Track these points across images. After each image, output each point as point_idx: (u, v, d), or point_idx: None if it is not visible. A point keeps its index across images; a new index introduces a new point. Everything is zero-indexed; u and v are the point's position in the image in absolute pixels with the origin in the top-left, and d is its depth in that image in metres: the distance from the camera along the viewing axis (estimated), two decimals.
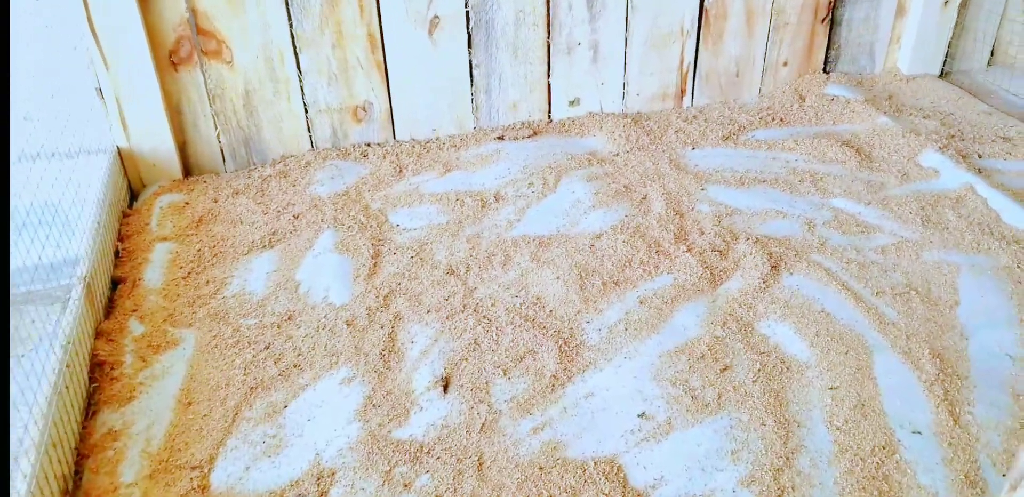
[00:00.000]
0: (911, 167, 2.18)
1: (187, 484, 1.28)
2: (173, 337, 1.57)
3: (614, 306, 1.66)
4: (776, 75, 2.58)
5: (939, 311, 1.67)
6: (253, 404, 1.42)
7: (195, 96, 2.06)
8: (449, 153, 2.23)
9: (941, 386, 1.47)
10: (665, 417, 1.41)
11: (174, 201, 1.98)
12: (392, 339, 1.57)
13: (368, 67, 2.16)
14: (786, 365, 1.52)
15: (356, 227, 1.90)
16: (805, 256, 1.81)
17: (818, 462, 1.32)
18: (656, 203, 2.00)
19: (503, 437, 1.37)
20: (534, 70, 2.33)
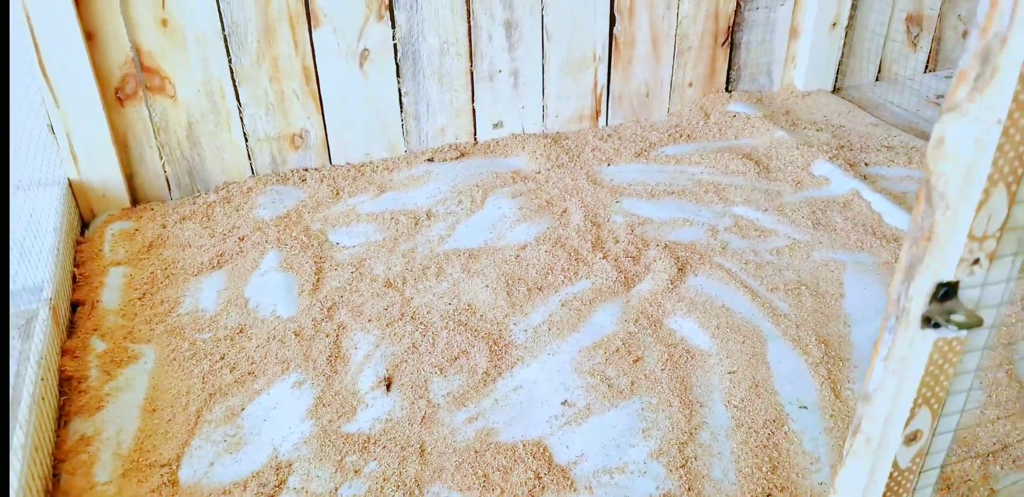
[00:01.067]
0: (804, 176, 2.41)
1: (157, 480, 1.41)
2: (134, 352, 1.70)
3: (538, 309, 1.84)
4: (683, 95, 2.80)
5: (826, 303, 1.88)
6: (213, 408, 1.56)
7: (141, 129, 2.19)
8: (382, 175, 2.39)
9: (825, 367, 1.68)
10: (585, 403, 1.58)
11: (124, 228, 2.11)
12: (337, 346, 1.72)
13: (304, 98, 2.32)
14: (691, 354, 1.71)
15: (298, 247, 2.05)
16: (708, 259, 2.02)
17: (718, 435, 1.51)
18: (575, 216, 2.19)
19: (441, 427, 1.53)
20: (459, 96, 2.50)
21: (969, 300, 0.88)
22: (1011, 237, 0.84)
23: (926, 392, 0.92)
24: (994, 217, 0.81)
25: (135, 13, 2.07)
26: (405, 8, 2.32)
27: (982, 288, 0.87)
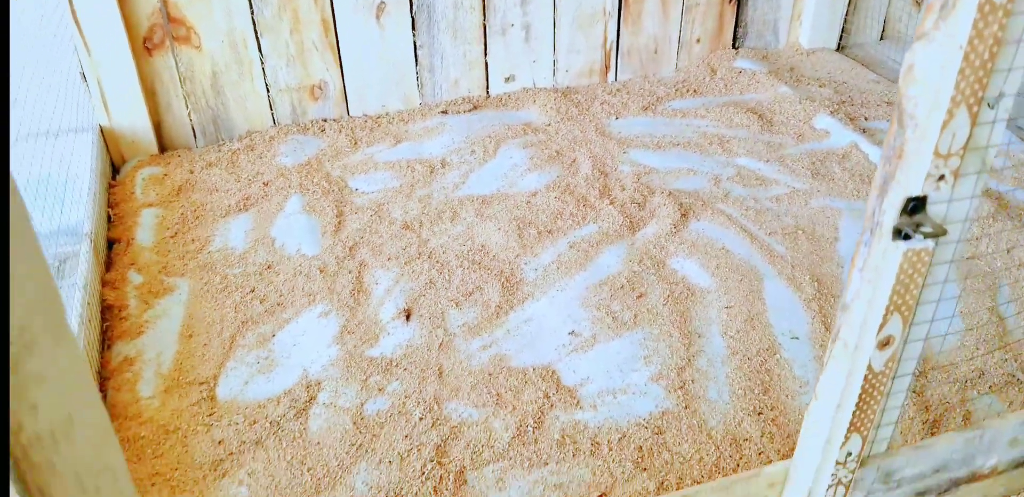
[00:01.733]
0: (806, 129, 2.49)
1: (197, 396, 1.53)
2: (169, 285, 1.81)
3: (548, 250, 1.95)
4: (690, 51, 2.88)
5: (821, 246, 1.98)
6: (245, 335, 1.68)
7: (168, 78, 2.29)
8: (398, 126, 2.49)
9: (817, 303, 1.78)
10: (591, 334, 1.70)
11: (154, 173, 2.21)
12: (360, 281, 1.84)
13: (323, 50, 2.41)
14: (691, 291, 1.82)
15: (320, 192, 2.15)
16: (711, 205, 2.12)
17: (714, 362, 1.63)
18: (584, 165, 2.29)
19: (458, 353, 1.65)
20: (472, 50, 2.59)
21: (937, 215, 0.98)
22: (974, 157, 0.94)
23: (897, 300, 1.03)
24: (957, 136, 0.91)
25: None
26: None
27: (948, 204, 0.97)
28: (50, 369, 0.69)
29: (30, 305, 0.66)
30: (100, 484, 0.77)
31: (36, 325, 0.67)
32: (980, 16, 0.83)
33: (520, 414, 1.50)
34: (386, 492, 1.36)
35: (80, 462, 0.73)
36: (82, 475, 0.74)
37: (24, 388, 0.65)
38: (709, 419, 1.50)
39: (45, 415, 0.68)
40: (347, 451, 1.43)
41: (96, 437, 0.77)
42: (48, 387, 0.68)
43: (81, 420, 0.74)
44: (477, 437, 1.46)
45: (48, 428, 0.69)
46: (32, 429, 0.67)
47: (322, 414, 1.50)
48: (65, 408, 0.71)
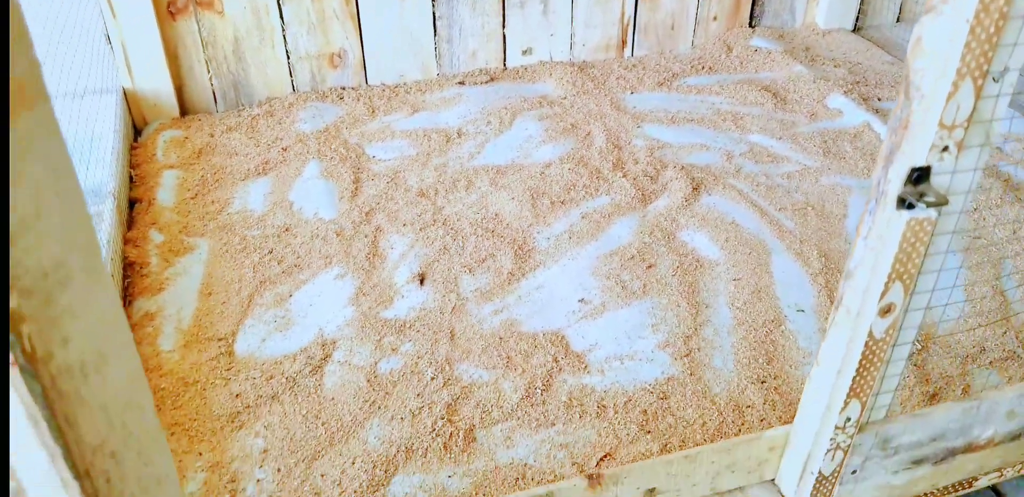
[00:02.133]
0: (819, 108, 2.51)
1: (216, 351, 1.58)
2: (189, 244, 1.86)
3: (560, 220, 1.98)
4: (707, 28, 2.89)
5: (830, 222, 2.01)
6: (263, 294, 1.73)
7: (190, 43, 2.32)
8: (416, 96, 2.52)
9: (824, 277, 1.82)
10: (600, 302, 1.74)
11: (175, 136, 2.25)
12: (375, 245, 1.88)
13: (343, 18, 2.43)
14: (700, 263, 1.85)
15: (337, 158, 2.19)
16: (722, 180, 2.14)
17: (720, 332, 1.66)
18: (598, 138, 2.31)
19: (470, 317, 1.69)
20: (491, 22, 2.61)
21: (940, 185, 1.01)
22: (978, 129, 0.97)
23: (899, 268, 1.06)
24: (962, 108, 0.94)
25: None
26: None
27: (952, 175, 1.00)
28: (83, 305, 0.73)
29: (67, 241, 0.69)
30: (127, 420, 0.81)
31: (72, 262, 0.70)
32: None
33: (529, 377, 1.54)
34: (398, 446, 1.40)
35: (109, 397, 0.77)
36: (110, 409, 0.77)
37: (57, 321, 0.69)
38: (713, 386, 1.54)
39: (76, 348, 0.72)
40: (360, 407, 1.47)
41: (126, 374, 0.81)
42: (81, 322, 0.72)
43: (112, 357, 0.78)
44: (487, 397, 1.50)
45: (79, 361, 0.72)
46: (62, 360, 0.70)
47: (337, 371, 1.54)
48: (96, 343, 0.75)
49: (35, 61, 0.65)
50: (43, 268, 0.66)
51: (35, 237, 0.65)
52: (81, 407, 0.73)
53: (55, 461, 0.72)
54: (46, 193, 0.66)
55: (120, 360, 0.80)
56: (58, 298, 0.69)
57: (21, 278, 0.64)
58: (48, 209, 0.67)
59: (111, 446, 0.78)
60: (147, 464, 0.87)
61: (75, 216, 0.71)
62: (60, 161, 0.69)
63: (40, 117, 0.65)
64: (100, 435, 0.76)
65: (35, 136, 0.65)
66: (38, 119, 0.65)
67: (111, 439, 0.78)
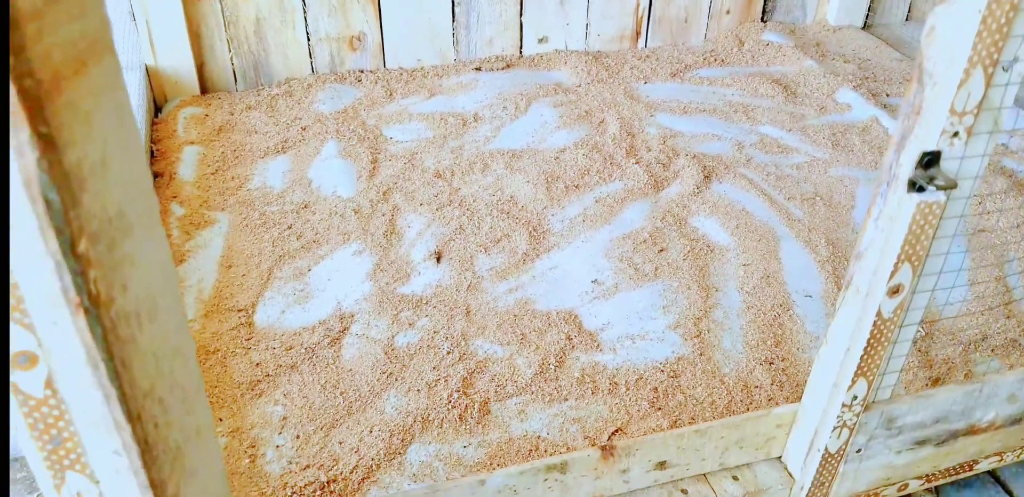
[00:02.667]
0: (828, 102, 2.55)
1: (236, 321, 1.62)
2: (210, 218, 1.89)
3: (574, 204, 2.02)
4: (720, 22, 2.93)
5: (838, 213, 2.05)
6: (282, 268, 1.76)
7: (213, 22, 2.35)
8: (433, 80, 2.55)
9: (832, 265, 1.86)
10: (613, 283, 1.77)
11: (195, 113, 2.28)
12: (392, 224, 1.91)
13: (364, 2, 2.47)
14: (710, 248, 1.89)
15: (356, 139, 2.22)
16: (733, 169, 2.18)
17: (730, 314, 1.71)
18: (612, 126, 2.35)
19: (485, 294, 1.73)
20: (508, 10, 2.64)
21: (949, 170, 1.05)
22: (987, 117, 1.01)
23: (908, 249, 1.10)
24: (972, 95, 0.98)
25: None
26: None
27: (961, 160, 1.04)
28: (141, 254, 0.76)
29: (128, 192, 0.73)
30: (174, 367, 0.85)
31: (131, 212, 0.74)
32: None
33: (543, 353, 1.58)
34: (414, 417, 1.45)
35: (158, 344, 0.80)
36: (160, 357, 0.81)
37: (118, 267, 0.72)
38: (723, 366, 1.58)
39: (133, 295, 0.75)
40: (378, 378, 1.51)
41: (174, 324, 0.84)
42: (139, 270, 0.75)
43: (163, 306, 0.81)
44: (501, 372, 1.54)
45: (135, 308, 0.75)
46: (121, 306, 0.73)
47: (355, 344, 1.58)
48: (151, 292, 0.78)
49: (106, 19, 0.68)
50: (108, 215, 0.70)
51: (102, 185, 0.68)
52: (136, 352, 0.76)
53: (109, 403, 0.75)
54: (112, 142, 0.70)
55: (170, 310, 0.83)
56: (121, 245, 0.73)
57: (90, 223, 0.67)
58: (114, 157, 0.70)
59: (159, 392, 0.82)
60: (189, 413, 0.90)
61: (136, 168, 0.75)
62: (125, 113, 0.72)
63: (109, 69, 0.69)
64: (150, 380, 0.80)
65: (105, 88, 0.68)
66: (106, 71, 0.68)
67: (159, 385, 0.82)
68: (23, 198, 0.60)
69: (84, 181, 0.65)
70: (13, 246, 0.63)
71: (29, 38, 0.57)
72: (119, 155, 0.71)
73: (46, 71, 0.59)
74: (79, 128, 0.63)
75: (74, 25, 0.60)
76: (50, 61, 0.60)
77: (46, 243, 0.64)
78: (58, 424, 0.79)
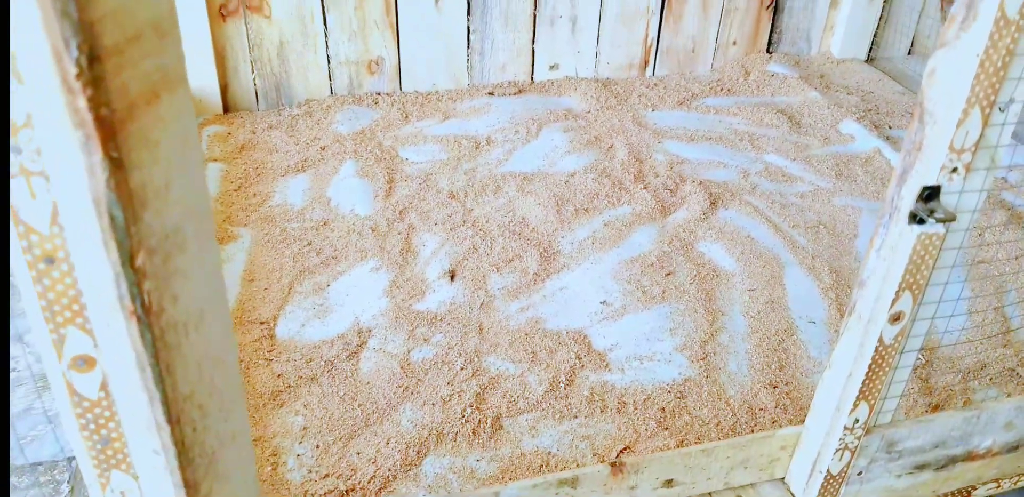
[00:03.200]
0: (832, 133, 2.62)
1: (258, 333, 1.67)
2: (233, 233, 1.95)
3: (584, 226, 2.08)
4: (726, 52, 3.00)
5: (841, 241, 2.11)
6: (303, 283, 1.82)
7: (238, 44, 2.42)
8: (447, 104, 2.62)
9: (835, 292, 1.91)
10: (621, 304, 1.83)
11: (218, 131, 2.35)
12: (408, 242, 1.97)
13: (383, 27, 2.54)
14: (716, 273, 1.95)
15: (373, 159, 2.29)
16: (739, 196, 2.24)
17: (735, 338, 1.76)
18: (620, 151, 2.42)
19: (497, 313, 1.78)
20: (521, 37, 2.72)
21: (948, 204, 1.11)
22: (984, 154, 1.08)
23: (909, 278, 1.16)
24: (971, 134, 1.04)
25: None
26: None
27: (960, 194, 1.10)
28: (193, 267, 0.81)
29: (186, 210, 0.78)
30: (215, 375, 0.90)
31: (188, 228, 0.79)
32: (996, 29, 0.96)
33: (553, 371, 1.63)
34: (429, 430, 1.50)
35: (201, 352, 0.85)
36: (203, 364, 0.86)
37: (170, 280, 0.77)
38: (728, 388, 1.63)
39: (183, 306, 0.80)
40: (394, 392, 1.57)
41: (218, 334, 0.90)
42: (190, 283, 0.81)
43: (209, 316, 0.86)
44: (513, 388, 1.59)
45: (183, 317, 0.81)
46: (171, 315, 0.78)
47: (372, 358, 1.64)
48: (199, 303, 0.84)
49: (181, 54, 0.74)
50: (165, 231, 0.76)
51: (163, 204, 0.74)
52: (180, 359, 0.81)
53: (152, 404, 0.81)
54: (176, 166, 0.76)
55: (216, 321, 0.89)
56: (174, 259, 0.78)
57: (149, 239, 0.73)
58: (176, 180, 0.76)
59: (199, 398, 0.87)
60: (226, 419, 0.96)
61: (196, 189, 0.81)
62: (190, 138, 0.78)
63: (179, 100, 0.75)
64: (191, 386, 0.85)
65: (173, 116, 0.74)
66: (177, 102, 0.74)
67: (199, 391, 0.87)
68: (91, 213, 0.66)
69: (147, 201, 0.70)
70: (81, 258, 0.69)
71: (109, 72, 0.63)
72: (181, 178, 0.77)
73: (122, 101, 0.65)
74: (147, 153, 0.68)
75: (152, 60, 0.66)
76: (127, 92, 0.65)
77: (108, 255, 0.70)
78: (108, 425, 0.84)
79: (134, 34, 0.66)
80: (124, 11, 0.62)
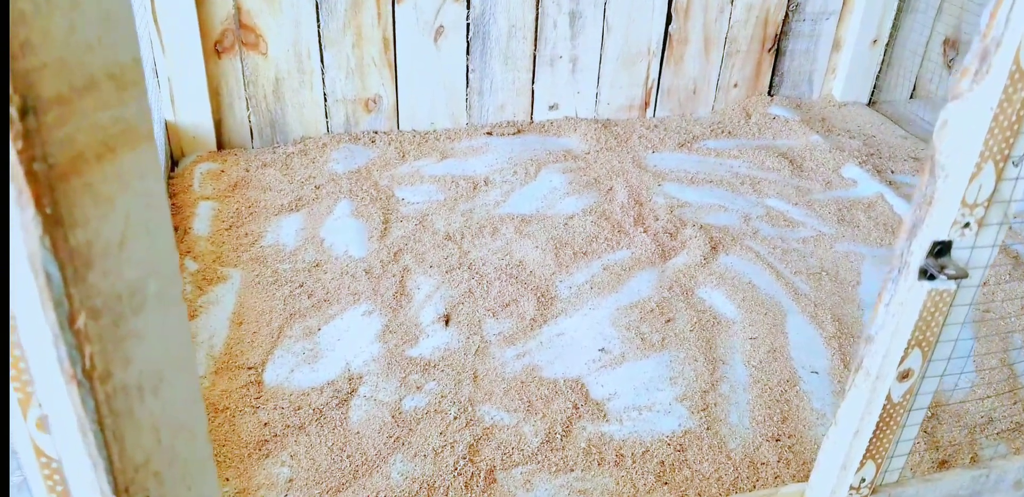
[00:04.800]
0: (834, 177, 2.59)
1: (245, 379, 1.62)
2: (223, 274, 1.91)
3: (582, 270, 2.04)
4: (727, 95, 2.99)
5: (844, 289, 2.07)
6: (293, 326, 1.77)
7: (233, 81, 2.40)
8: (445, 143, 2.60)
9: (837, 341, 1.87)
10: (620, 352, 1.79)
11: (211, 169, 2.32)
12: (402, 285, 1.93)
13: (381, 65, 2.52)
14: (717, 320, 1.91)
15: (368, 199, 2.25)
16: (740, 241, 2.21)
17: (736, 388, 1.71)
18: (620, 194, 2.39)
19: (493, 360, 1.73)
20: (521, 77, 2.70)
21: (960, 259, 1.07)
22: (998, 209, 1.04)
23: (919, 335, 1.12)
24: (984, 188, 1.01)
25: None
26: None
27: (971, 250, 1.07)
28: (152, 329, 0.76)
29: (147, 269, 0.73)
30: (177, 442, 0.84)
31: (149, 288, 0.74)
32: (1010, 82, 0.93)
33: (549, 421, 1.58)
34: (420, 483, 1.44)
35: (162, 418, 0.80)
36: (161, 431, 0.81)
37: (122, 343, 0.72)
38: (729, 441, 1.58)
39: (136, 370, 0.75)
40: (385, 442, 1.51)
41: (182, 398, 0.84)
42: (147, 345, 0.75)
43: (171, 380, 0.81)
44: (508, 439, 1.54)
45: (136, 382, 0.75)
46: (120, 380, 0.73)
47: (362, 406, 1.59)
48: (158, 366, 0.78)
49: (145, 109, 0.70)
50: (117, 293, 0.70)
51: (114, 264, 0.69)
52: (131, 425, 0.76)
53: (97, 471, 0.75)
54: (135, 225, 0.71)
55: (179, 384, 0.83)
56: (128, 322, 0.73)
57: (93, 300, 0.67)
58: (134, 239, 0.71)
59: (156, 466, 0.82)
60: (190, 488, 0.90)
61: (160, 246, 0.76)
62: (155, 197, 0.74)
63: (142, 157, 0.70)
64: (146, 454, 0.79)
65: (135, 174, 0.69)
66: (140, 159, 0.70)
67: (157, 459, 0.81)
68: (26, 268, 0.61)
69: (91, 260, 0.65)
70: (23, 316, 0.64)
71: (48, 124, 0.57)
72: (141, 236, 0.72)
73: (63, 155, 0.59)
74: (95, 210, 0.63)
75: (108, 112, 0.62)
76: (71, 146, 0.60)
77: (45, 314, 0.65)
78: (67, 485, 0.79)
79: (85, 84, 0.61)
80: (72, 59, 0.57)
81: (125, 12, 0.65)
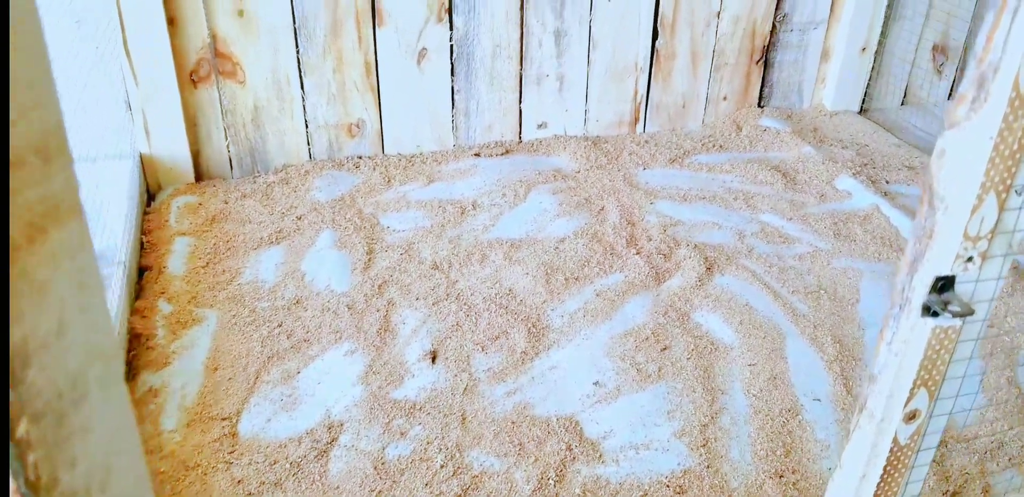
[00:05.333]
0: (828, 189, 2.53)
1: (219, 431, 1.55)
2: (198, 315, 1.84)
3: (574, 297, 1.97)
4: (717, 108, 2.93)
5: (843, 307, 2.00)
6: (270, 370, 1.70)
7: (210, 111, 2.34)
8: (431, 167, 2.53)
9: (839, 365, 1.80)
10: (615, 385, 1.71)
11: (189, 202, 2.25)
12: (387, 320, 1.86)
13: (363, 90, 2.46)
14: (714, 346, 1.84)
15: (352, 228, 2.19)
16: (735, 260, 2.14)
17: (737, 420, 1.64)
18: (612, 214, 2.32)
19: (482, 399, 1.66)
20: (507, 97, 2.64)
21: (964, 294, 1.01)
22: (1001, 240, 0.97)
23: (924, 375, 1.05)
24: (986, 220, 0.94)
25: (214, 2, 2.22)
26: (463, 12, 2.46)
27: (976, 283, 1.00)
28: (96, 421, 0.69)
29: (86, 356, 0.66)
30: None
31: (90, 376, 0.67)
32: (1010, 110, 0.86)
33: (542, 466, 1.51)
34: None
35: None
36: None
37: (66, 443, 0.65)
38: (731, 480, 1.51)
39: (83, 469, 0.68)
40: (366, 496, 1.44)
41: (129, 489, 0.78)
42: (92, 440, 0.68)
43: (118, 472, 0.75)
44: (498, 488, 1.47)
45: (84, 482, 0.68)
46: (68, 484, 0.66)
47: (343, 456, 1.52)
48: (105, 460, 0.72)
49: (72, 180, 0.63)
50: (58, 388, 0.63)
51: (54, 355, 0.62)
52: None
53: None
54: (70, 309, 0.64)
55: (126, 476, 0.77)
56: (71, 419, 0.66)
57: (34, 402, 0.61)
58: (71, 325, 0.65)
59: None
60: None
61: (97, 330, 0.69)
62: (88, 276, 0.67)
63: (72, 234, 0.63)
64: None
65: (66, 252, 0.63)
66: (70, 235, 0.63)
67: None
68: None
69: (29, 357, 0.59)
70: None
71: None
72: (77, 320, 0.65)
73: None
74: (30, 300, 0.57)
75: (34, 190, 0.56)
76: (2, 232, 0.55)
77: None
78: None
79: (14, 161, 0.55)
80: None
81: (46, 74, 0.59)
